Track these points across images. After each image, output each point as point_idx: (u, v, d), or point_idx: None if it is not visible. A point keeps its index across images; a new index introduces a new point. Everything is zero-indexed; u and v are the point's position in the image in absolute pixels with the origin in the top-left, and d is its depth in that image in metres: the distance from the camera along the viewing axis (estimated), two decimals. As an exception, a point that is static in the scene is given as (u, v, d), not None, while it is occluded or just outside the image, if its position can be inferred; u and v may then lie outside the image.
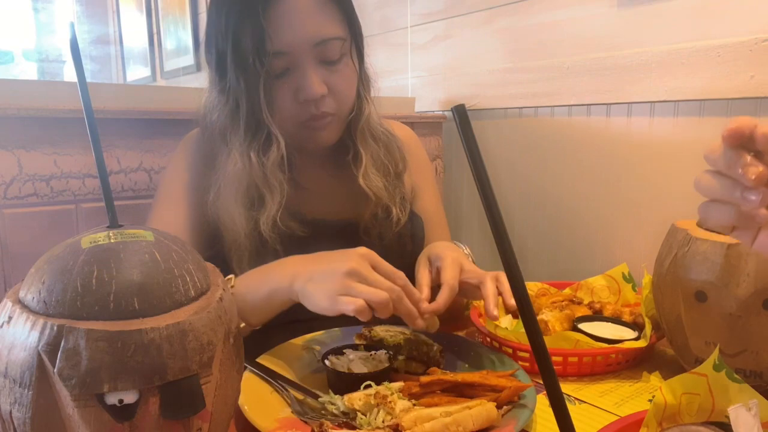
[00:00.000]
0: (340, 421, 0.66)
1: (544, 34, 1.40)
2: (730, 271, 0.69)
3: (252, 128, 0.89)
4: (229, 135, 0.90)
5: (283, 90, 0.88)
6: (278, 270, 0.79)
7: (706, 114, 1.13)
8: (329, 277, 0.71)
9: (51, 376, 0.42)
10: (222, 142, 0.92)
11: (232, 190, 0.89)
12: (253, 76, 0.85)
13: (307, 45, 0.86)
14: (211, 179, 0.92)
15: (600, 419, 0.70)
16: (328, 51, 0.88)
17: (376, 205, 0.97)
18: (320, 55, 0.88)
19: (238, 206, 0.89)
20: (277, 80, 0.87)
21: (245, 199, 0.89)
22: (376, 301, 0.69)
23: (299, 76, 0.87)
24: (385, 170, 1.00)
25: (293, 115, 0.89)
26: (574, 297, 1.04)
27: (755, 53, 1.03)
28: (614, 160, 1.30)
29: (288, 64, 0.87)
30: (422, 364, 0.78)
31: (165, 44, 3.05)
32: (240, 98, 0.88)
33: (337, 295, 0.70)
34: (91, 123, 0.49)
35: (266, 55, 0.84)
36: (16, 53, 3.48)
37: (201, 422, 0.47)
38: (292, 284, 0.74)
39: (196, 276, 0.49)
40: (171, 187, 0.97)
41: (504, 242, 0.36)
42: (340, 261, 0.72)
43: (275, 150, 0.89)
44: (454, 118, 0.36)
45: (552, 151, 1.43)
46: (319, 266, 0.74)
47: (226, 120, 0.90)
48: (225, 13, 0.87)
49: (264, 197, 0.89)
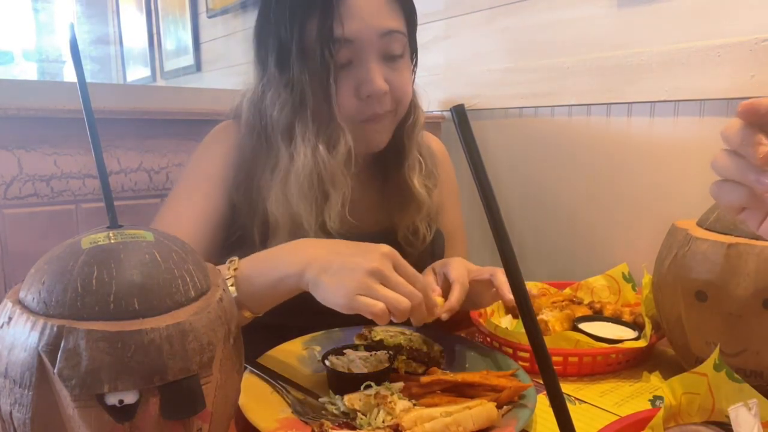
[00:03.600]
0: (341, 422, 0.66)
1: (545, 34, 1.40)
2: (731, 271, 0.69)
3: (319, 121, 0.87)
4: (297, 128, 0.87)
5: (345, 84, 0.86)
6: (290, 254, 0.74)
7: (706, 114, 1.13)
8: (349, 272, 0.67)
9: (51, 376, 0.42)
10: (285, 139, 0.88)
11: (296, 186, 0.86)
12: (321, 65, 0.84)
13: (374, 34, 0.85)
14: (248, 175, 0.90)
15: (600, 419, 0.70)
16: (392, 45, 0.87)
17: (417, 213, 0.96)
18: (384, 48, 0.87)
19: (304, 202, 0.86)
20: (341, 73, 0.85)
21: (311, 195, 0.87)
22: (397, 308, 0.66)
23: (363, 70, 0.86)
24: (427, 180, 0.99)
25: (354, 112, 0.87)
26: (574, 297, 1.04)
27: (755, 53, 1.03)
28: (614, 160, 1.30)
29: (352, 54, 0.85)
30: (422, 365, 0.78)
31: (165, 44, 3.05)
32: (306, 90, 0.86)
33: (357, 294, 0.66)
34: (91, 123, 0.49)
35: (335, 43, 0.83)
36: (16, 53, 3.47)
37: (201, 422, 0.47)
38: (303, 272, 0.70)
39: (197, 276, 0.49)
40: (197, 173, 0.95)
41: (504, 242, 0.36)
42: (362, 257, 0.68)
43: (343, 144, 0.87)
44: (454, 119, 0.36)
45: (552, 151, 1.43)
46: (338, 257, 0.69)
47: (291, 115, 0.87)
48: (290, 4, 0.85)
49: (329, 193, 0.87)
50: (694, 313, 0.74)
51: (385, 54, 0.88)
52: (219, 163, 0.94)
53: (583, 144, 1.35)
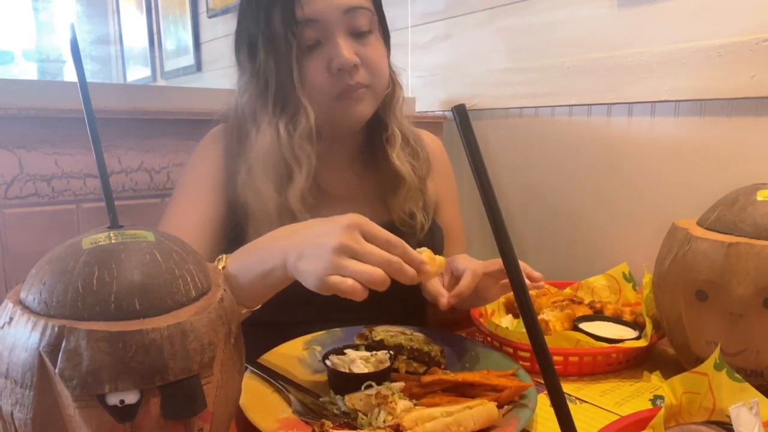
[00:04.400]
0: (341, 422, 0.66)
1: (545, 34, 1.40)
2: (731, 270, 0.69)
3: (280, 102, 0.90)
4: (258, 112, 0.91)
5: (315, 63, 0.88)
6: (269, 246, 0.72)
7: (706, 114, 1.13)
8: (317, 254, 0.64)
9: (52, 376, 0.42)
10: (252, 122, 0.92)
11: (260, 166, 0.88)
12: (285, 48, 0.87)
13: (337, 12, 0.87)
14: (237, 169, 0.92)
15: (601, 419, 0.70)
16: (358, 20, 0.89)
17: (407, 193, 0.97)
18: (350, 24, 0.88)
19: (267, 182, 0.88)
20: (309, 53, 0.88)
21: (274, 174, 0.88)
22: (370, 280, 0.62)
23: (331, 46, 0.88)
24: (413, 157, 1.00)
25: (327, 87, 0.89)
26: (575, 296, 1.04)
27: (756, 53, 1.03)
28: (615, 160, 1.30)
29: (319, 34, 0.87)
30: (423, 364, 0.78)
31: (165, 44, 3.05)
32: (270, 75, 0.89)
33: (326, 275, 0.63)
34: (92, 123, 0.49)
35: (297, 24, 0.85)
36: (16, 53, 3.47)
37: (202, 422, 0.47)
38: (285, 262, 0.68)
39: (197, 276, 0.49)
40: (193, 180, 0.97)
41: (504, 242, 0.36)
42: (327, 235, 0.65)
43: (304, 121, 0.88)
44: (455, 118, 0.36)
45: (553, 151, 1.43)
46: (309, 240, 0.67)
47: (256, 100, 0.91)
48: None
49: (293, 172, 0.89)
50: (694, 313, 0.74)
51: (352, 30, 0.89)
52: (213, 167, 0.96)
53: (584, 144, 1.35)
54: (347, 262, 0.63)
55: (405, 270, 0.65)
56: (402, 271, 0.65)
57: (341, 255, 0.63)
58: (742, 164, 1.09)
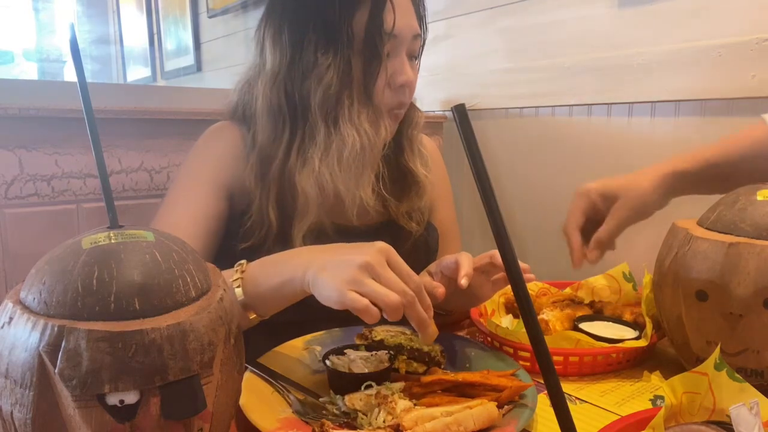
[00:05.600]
0: (341, 422, 0.66)
1: (545, 34, 1.40)
2: (731, 270, 0.69)
3: (361, 104, 0.91)
4: (342, 109, 0.90)
5: (380, 74, 0.90)
6: (294, 259, 0.75)
7: (707, 114, 1.13)
8: (342, 267, 0.67)
9: (52, 376, 0.42)
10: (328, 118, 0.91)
11: (341, 161, 0.90)
12: (373, 53, 0.89)
13: (410, 34, 0.91)
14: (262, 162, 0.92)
15: (601, 419, 0.70)
16: (417, 46, 0.94)
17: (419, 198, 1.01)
18: (411, 48, 0.93)
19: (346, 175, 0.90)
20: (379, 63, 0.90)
21: (354, 168, 0.91)
22: (385, 302, 0.65)
23: (398, 62, 0.91)
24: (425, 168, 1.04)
25: (387, 100, 0.92)
26: (575, 296, 1.04)
27: (756, 53, 1.02)
28: (615, 160, 1.30)
29: (391, 49, 0.90)
30: (423, 364, 0.78)
31: (165, 44, 3.05)
32: (354, 74, 0.90)
33: (347, 287, 0.65)
34: (91, 123, 0.49)
35: (384, 35, 0.88)
36: (16, 53, 3.47)
37: (202, 422, 0.47)
38: (305, 274, 0.70)
39: (197, 276, 0.49)
40: (193, 175, 0.96)
41: (504, 242, 0.36)
42: (355, 253, 0.68)
43: (383, 126, 0.92)
44: (455, 118, 0.36)
45: (553, 151, 1.43)
46: (335, 256, 0.70)
47: (337, 96, 0.90)
48: None
49: (365, 170, 0.93)
50: (694, 313, 0.74)
51: (411, 54, 0.94)
52: (215, 164, 0.96)
53: (584, 144, 1.35)
54: (368, 280, 0.66)
55: (416, 307, 0.68)
56: (413, 306, 0.67)
57: (364, 272, 0.66)
58: (743, 164, 1.09)
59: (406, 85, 0.92)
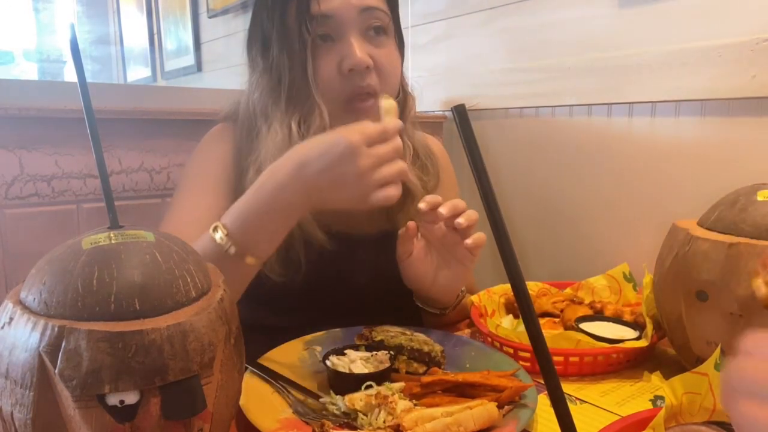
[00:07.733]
0: (341, 422, 0.66)
1: (545, 34, 1.40)
2: (731, 271, 0.69)
3: (294, 99, 0.88)
4: (270, 109, 0.89)
5: (326, 61, 0.86)
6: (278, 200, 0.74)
7: (707, 114, 1.13)
8: (347, 184, 0.71)
9: (52, 377, 0.42)
10: (263, 120, 0.90)
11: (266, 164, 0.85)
12: (299, 44, 0.85)
13: (353, 10, 0.85)
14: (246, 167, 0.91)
15: (601, 419, 0.70)
16: (373, 21, 0.87)
17: (411, 209, 0.95)
18: (365, 25, 0.87)
19: None
20: (321, 50, 0.86)
21: None
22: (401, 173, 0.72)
23: (344, 45, 0.85)
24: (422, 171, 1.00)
25: (338, 88, 0.87)
26: (575, 297, 1.04)
27: (756, 53, 1.02)
28: (615, 160, 1.30)
29: (332, 31, 0.85)
30: (423, 365, 0.78)
31: (165, 44, 3.05)
32: (283, 71, 0.87)
33: (368, 196, 0.71)
34: (92, 123, 0.49)
35: (311, 20, 0.83)
36: (16, 53, 3.47)
37: (202, 423, 0.47)
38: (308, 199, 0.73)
39: (197, 276, 0.49)
40: (196, 177, 0.96)
41: (504, 242, 0.36)
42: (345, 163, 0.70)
43: (318, 119, 0.86)
44: (455, 118, 0.36)
45: (553, 151, 1.43)
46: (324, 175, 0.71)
47: (268, 96, 0.89)
48: None
49: None
50: (694, 313, 0.74)
51: (367, 31, 0.87)
52: (218, 165, 0.95)
53: (584, 144, 1.35)
54: (375, 175, 0.70)
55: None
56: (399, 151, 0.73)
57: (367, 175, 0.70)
58: (742, 164, 1.09)
59: (354, 69, 0.84)
